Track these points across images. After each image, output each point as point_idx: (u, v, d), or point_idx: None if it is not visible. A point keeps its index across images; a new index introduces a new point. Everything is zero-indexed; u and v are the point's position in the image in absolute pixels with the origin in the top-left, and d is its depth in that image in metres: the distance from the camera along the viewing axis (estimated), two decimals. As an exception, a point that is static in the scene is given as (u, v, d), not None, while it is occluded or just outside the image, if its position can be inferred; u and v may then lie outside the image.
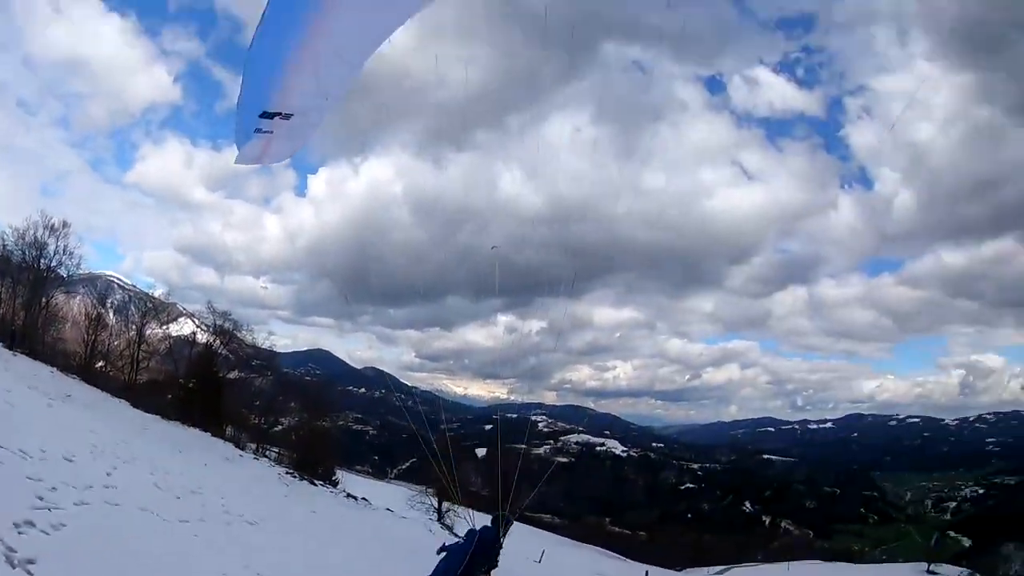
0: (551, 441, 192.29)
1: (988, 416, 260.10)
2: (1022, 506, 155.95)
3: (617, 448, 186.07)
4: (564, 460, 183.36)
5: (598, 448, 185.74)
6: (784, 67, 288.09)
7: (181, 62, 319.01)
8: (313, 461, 36.12)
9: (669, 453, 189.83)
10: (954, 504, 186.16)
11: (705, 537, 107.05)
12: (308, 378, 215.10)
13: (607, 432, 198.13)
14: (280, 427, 49.83)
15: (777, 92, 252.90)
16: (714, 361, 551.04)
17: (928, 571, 65.41)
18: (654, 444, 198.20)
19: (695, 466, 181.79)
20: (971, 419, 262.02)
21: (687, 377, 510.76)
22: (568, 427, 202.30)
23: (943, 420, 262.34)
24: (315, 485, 29.44)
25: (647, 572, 48.92)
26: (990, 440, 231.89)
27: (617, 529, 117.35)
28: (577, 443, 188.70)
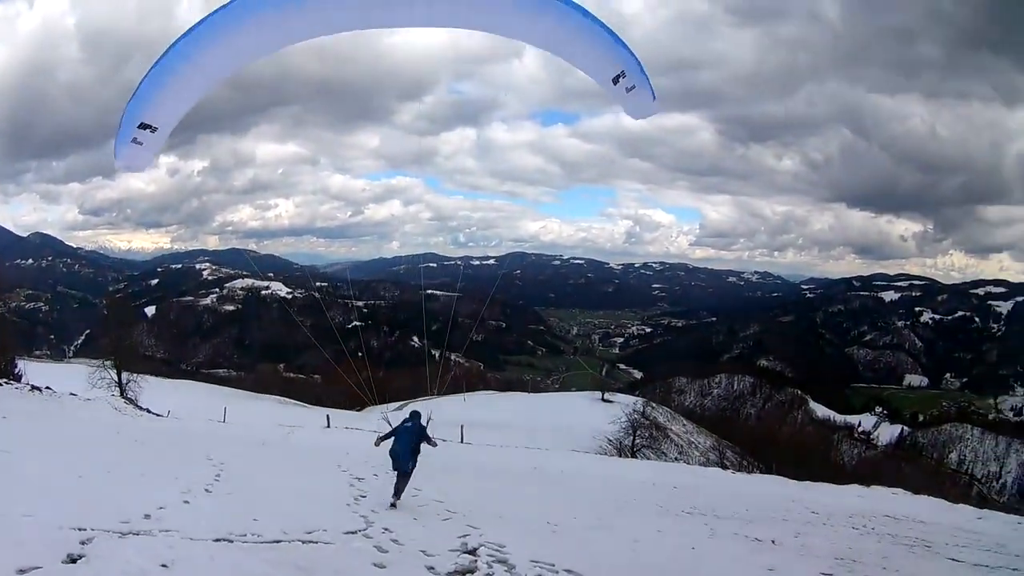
0: (217, 289, 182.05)
1: (654, 264, 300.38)
2: (689, 345, 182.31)
3: (282, 290, 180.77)
4: (231, 308, 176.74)
5: (263, 292, 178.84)
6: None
7: None
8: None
9: (334, 292, 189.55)
10: (622, 340, 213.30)
11: (380, 374, 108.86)
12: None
13: (271, 275, 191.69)
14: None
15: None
16: (376, 197, 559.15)
17: (603, 399, 68.08)
18: (318, 284, 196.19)
19: (361, 303, 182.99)
20: (636, 265, 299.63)
21: (349, 213, 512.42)
22: (233, 272, 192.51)
23: (607, 264, 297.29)
24: (-1, 385, 23.47)
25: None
26: (656, 286, 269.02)
27: (291, 375, 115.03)
28: (243, 288, 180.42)
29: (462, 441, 29.84)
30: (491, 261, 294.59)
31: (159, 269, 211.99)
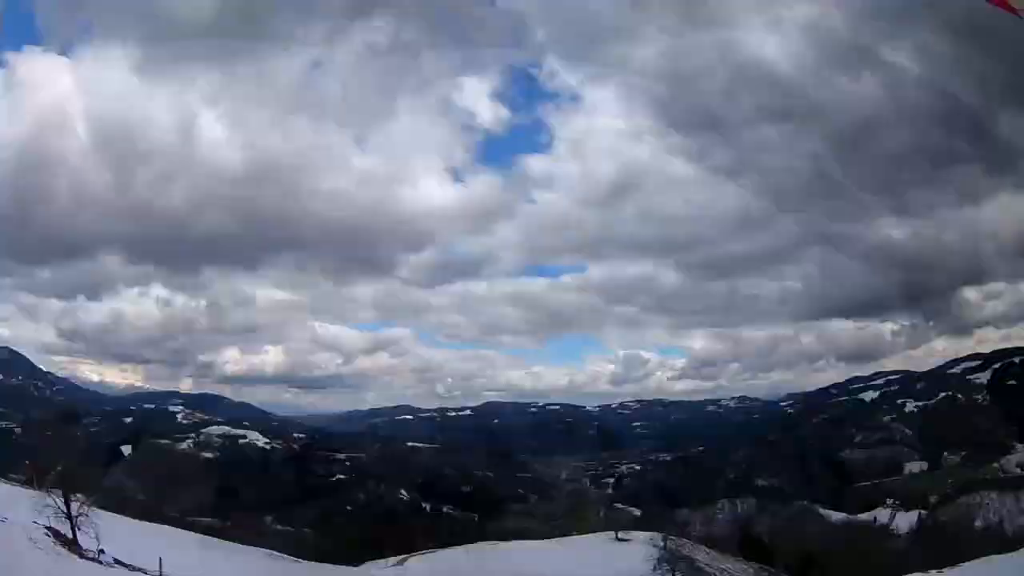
0: (192, 434, 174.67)
1: (631, 403, 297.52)
2: (681, 478, 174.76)
3: (260, 440, 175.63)
4: (210, 455, 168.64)
5: (241, 441, 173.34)
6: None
7: None
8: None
9: (313, 444, 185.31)
10: (613, 479, 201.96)
11: (372, 528, 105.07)
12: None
13: (247, 423, 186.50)
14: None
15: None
16: (366, 349, 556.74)
17: (617, 538, 65.53)
18: (296, 435, 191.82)
19: (342, 456, 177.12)
20: (614, 406, 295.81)
21: (339, 362, 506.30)
22: (206, 417, 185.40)
23: (584, 407, 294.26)
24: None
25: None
26: (637, 423, 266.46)
27: (279, 527, 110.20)
28: (219, 436, 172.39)
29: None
30: (467, 412, 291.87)
31: (132, 408, 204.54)
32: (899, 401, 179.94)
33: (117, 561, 20.88)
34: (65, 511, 26.23)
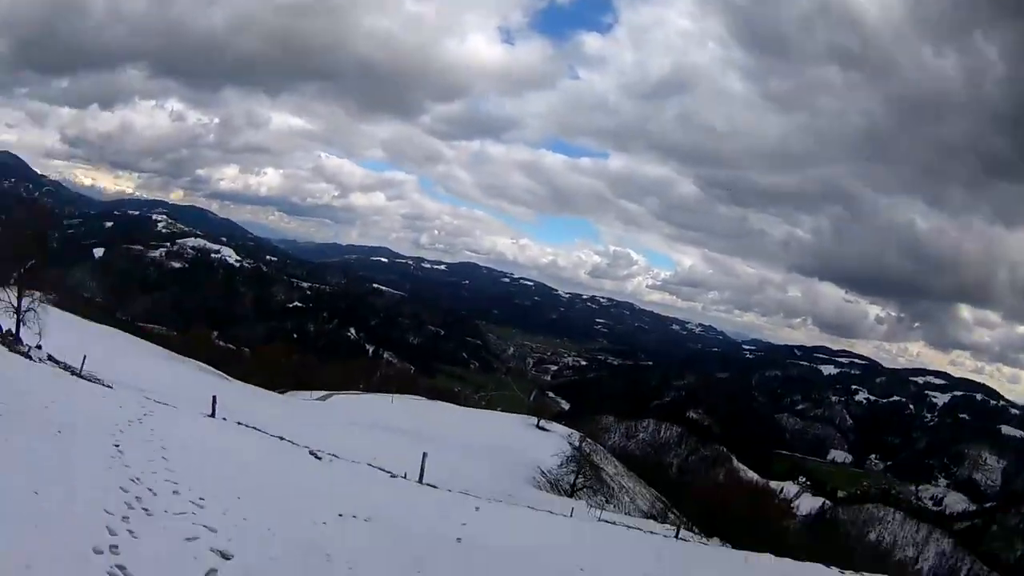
0: (168, 243, 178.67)
1: (602, 299, 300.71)
2: (621, 385, 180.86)
3: (232, 257, 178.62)
4: (178, 265, 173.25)
5: (213, 255, 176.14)
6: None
7: None
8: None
9: (282, 268, 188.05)
10: (556, 368, 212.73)
11: (308, 358, 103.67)
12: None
13: (224, 239, 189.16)
14: None
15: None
16: (365, 186, 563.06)
17: (538, 426, 65.00)
18: (268, 257, 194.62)
19: (306, 285, 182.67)
20: (584, 297, 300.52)
21: (335, 195, 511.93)
22: (187, 229, 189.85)
23: (556, 290, 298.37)
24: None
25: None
26: (600, 320, 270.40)
27: (222, 343, 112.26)
28: (194, 248, 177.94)
29: (421, 480, 17.99)
30: (443, 267, 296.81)
31: (115, 212, 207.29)
32: (853, 387, 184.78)
33: (50, 357, 22.28)
34: (15, 306, 26.96)
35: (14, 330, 26.49)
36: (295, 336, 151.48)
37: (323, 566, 7.48)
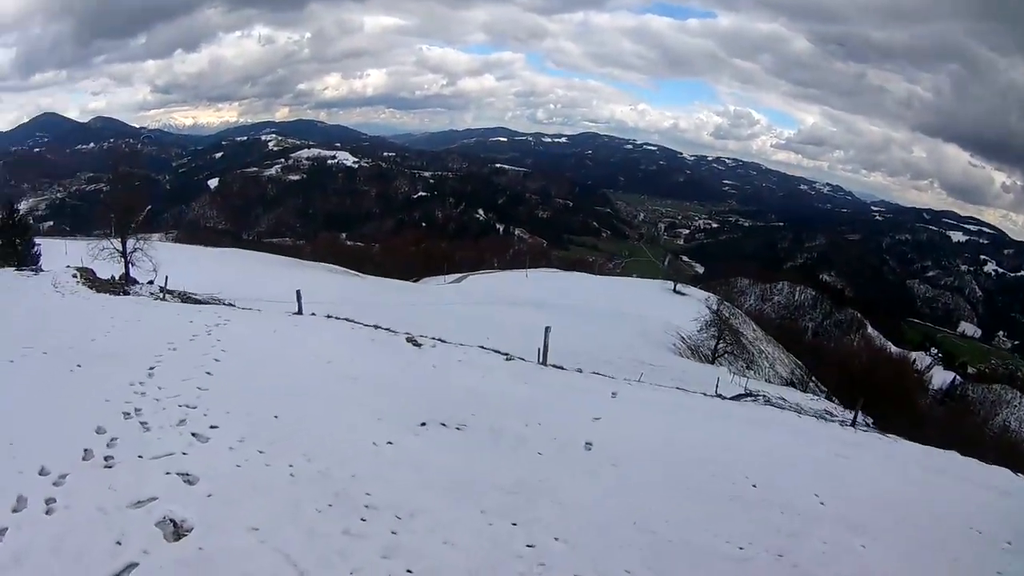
0: (282, 159, 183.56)
1: (728, 160, 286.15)
2: (754, 247, 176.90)
3: (348, 160, 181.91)
4: (296, 178, 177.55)
5: (330, 161, 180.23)
6: None
7: None
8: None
9: (401, 162, 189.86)
10: (687, 232, 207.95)
11: (441, 245, 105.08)
12: (37, 150, 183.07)
13: (338, 144, 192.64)
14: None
15: None
16: (472, 71, 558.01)
17: (675, 290, 64.53)
18: (385, 154, 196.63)
19: (427, 174, 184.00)
20: (709, 159, 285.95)
21: (443, 84, 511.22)
22: (299, 143, 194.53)
23: (681, 153, 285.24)
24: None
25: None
26: (727, 182, 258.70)
27: (350, 243, 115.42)
28: (308, 158, 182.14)
29: (544, 362, 14.93)
30: (563, 139, 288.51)
31: (223, 143, 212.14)
32: (983, 257, 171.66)
33: (161, 289, 21.97)
34: (120, 250, 27.94)
35: (126, 273, 27.49)
36: (423, 225, 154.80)
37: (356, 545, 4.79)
